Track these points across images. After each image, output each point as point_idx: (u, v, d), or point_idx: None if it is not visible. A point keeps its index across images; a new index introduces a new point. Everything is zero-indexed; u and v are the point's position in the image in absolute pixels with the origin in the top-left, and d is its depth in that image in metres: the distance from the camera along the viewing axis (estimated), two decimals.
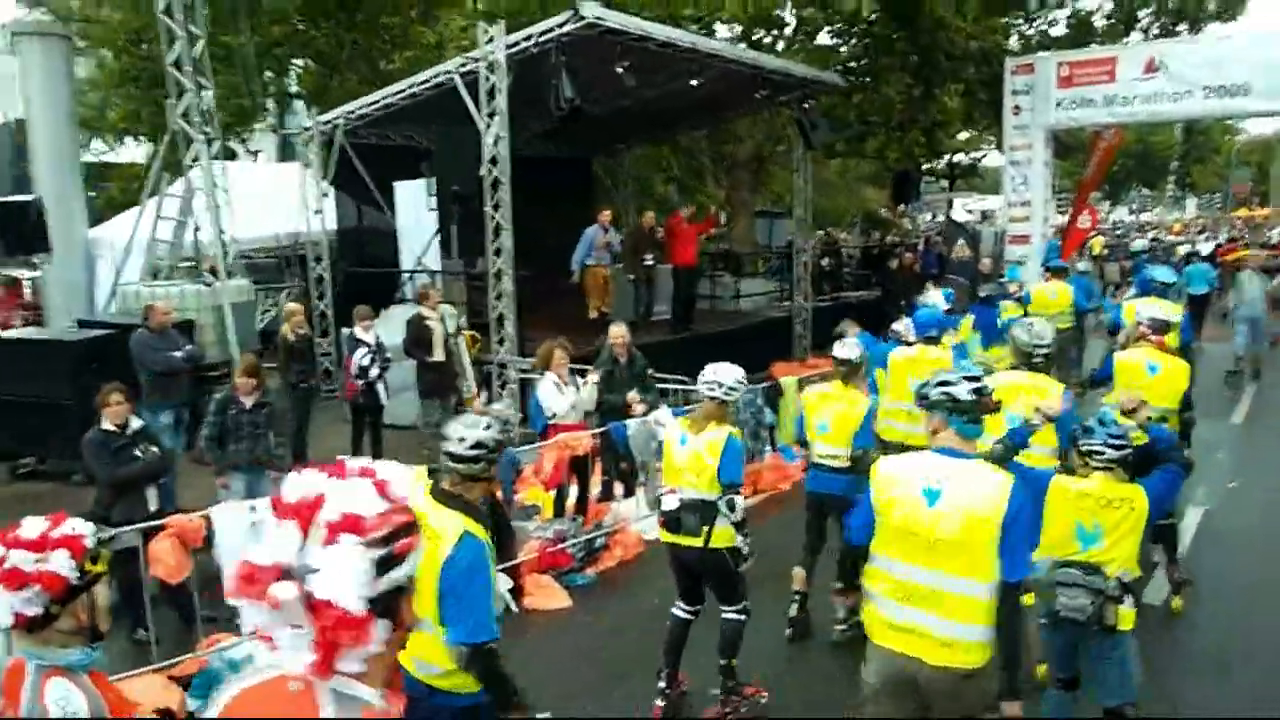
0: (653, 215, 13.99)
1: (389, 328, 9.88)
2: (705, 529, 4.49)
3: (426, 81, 11.49)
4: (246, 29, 18.69)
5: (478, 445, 3.29)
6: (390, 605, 1.52)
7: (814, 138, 14.83)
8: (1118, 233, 35.71)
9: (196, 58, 10.83)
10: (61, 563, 2.25)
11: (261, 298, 13.47)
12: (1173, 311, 7.33)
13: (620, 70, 10.56)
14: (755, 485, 8.70)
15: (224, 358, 10.86)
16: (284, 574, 1.44)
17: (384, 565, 1.49)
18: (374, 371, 8.97)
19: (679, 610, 4.89)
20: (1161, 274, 8.45)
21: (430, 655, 3.05)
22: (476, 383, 10.80)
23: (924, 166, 27.38)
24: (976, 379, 3.29)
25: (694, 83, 11.98)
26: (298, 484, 1.53)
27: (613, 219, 13.54)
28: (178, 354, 8.04)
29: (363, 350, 8.99)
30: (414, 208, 12.57)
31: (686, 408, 8.78)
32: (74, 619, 2.30)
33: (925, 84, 18.12)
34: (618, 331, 8.03)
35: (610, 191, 19.40)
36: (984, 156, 32.10)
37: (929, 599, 3.10)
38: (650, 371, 8.30)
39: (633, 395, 7.76)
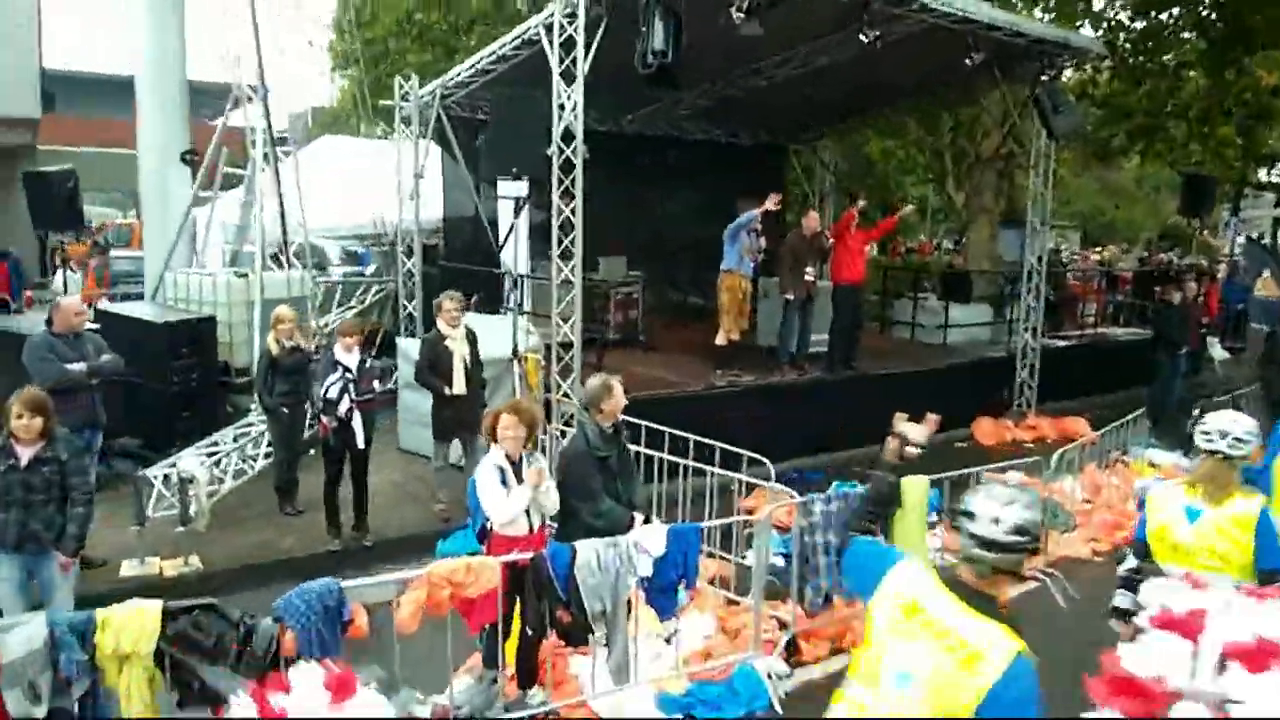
0: (817, 216, 10.74)
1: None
2: None
3: (518, 38, 9.18)
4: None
5: (1019, 530, 2.45)
6: None
7: (1056, 124, 11.02)
8: None
9: None
10: None
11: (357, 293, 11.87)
12: None
13: (739, 15, 7.62)
14: (837, 640, 5.61)
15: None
16: (1177, 695, 1.36)
17: None
18: (345, 405, 6.78)
19: None
20: None
21: None
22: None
23: (1245, 176, 21.76)
24: None
25: (863, 37, 8.74)
26: (1166, 590, 1.57)
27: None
28: (77, 366, 6.24)
29: (335, 377, 6.81)
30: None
31: (703, 525, 5.73)
32: None
33: (1232, 60, 13.33)
34: (620, 392, 5.20)
35: (807, 189, 16.30)
36: None
37: None
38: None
39: (653, 528, 4.90)
